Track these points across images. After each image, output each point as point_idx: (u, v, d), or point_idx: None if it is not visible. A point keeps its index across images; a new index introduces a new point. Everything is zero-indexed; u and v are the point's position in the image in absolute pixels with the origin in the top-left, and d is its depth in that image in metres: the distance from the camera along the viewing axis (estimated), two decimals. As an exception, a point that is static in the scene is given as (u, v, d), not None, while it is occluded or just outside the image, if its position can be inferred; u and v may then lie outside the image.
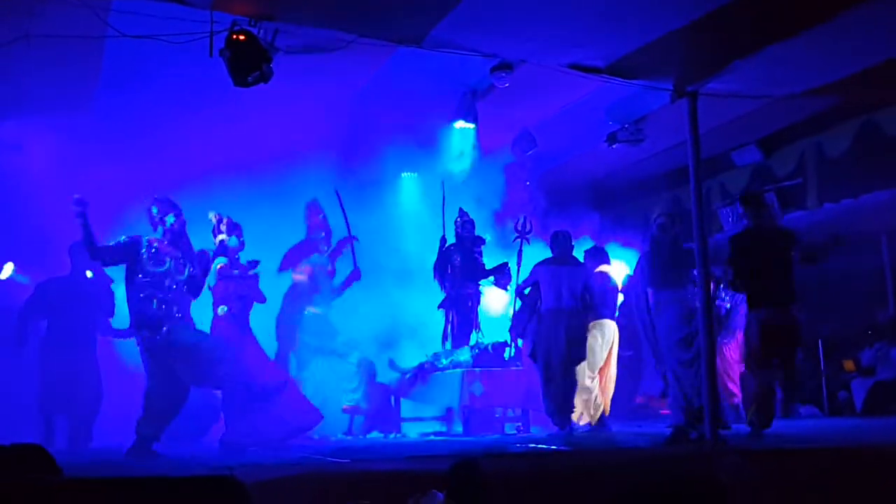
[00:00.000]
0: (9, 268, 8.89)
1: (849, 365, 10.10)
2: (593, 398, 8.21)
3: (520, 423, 8.40)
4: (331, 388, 8.42)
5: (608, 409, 8.38)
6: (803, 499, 4.72)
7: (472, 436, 7.74)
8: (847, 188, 8.61)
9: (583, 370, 8.09)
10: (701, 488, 4.43)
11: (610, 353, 8.36)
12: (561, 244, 8.09)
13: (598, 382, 8.28)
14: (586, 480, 4.46)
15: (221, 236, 7.19)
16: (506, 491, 4.05)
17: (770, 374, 6.56)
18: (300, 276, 8.52)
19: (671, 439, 6.04)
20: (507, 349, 8.22)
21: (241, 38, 5.50)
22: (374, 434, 8.57)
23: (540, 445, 6.21)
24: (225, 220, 7.20)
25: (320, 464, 5.06)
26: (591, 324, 8.22)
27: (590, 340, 8.19)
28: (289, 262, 8.64)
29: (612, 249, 9.17)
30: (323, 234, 8.69)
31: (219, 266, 7.12)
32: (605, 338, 8.32)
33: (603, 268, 8.52)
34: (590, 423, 8.20)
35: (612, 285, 8.47)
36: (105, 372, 8.12)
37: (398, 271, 9.11)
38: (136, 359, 6.84)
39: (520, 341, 8.35)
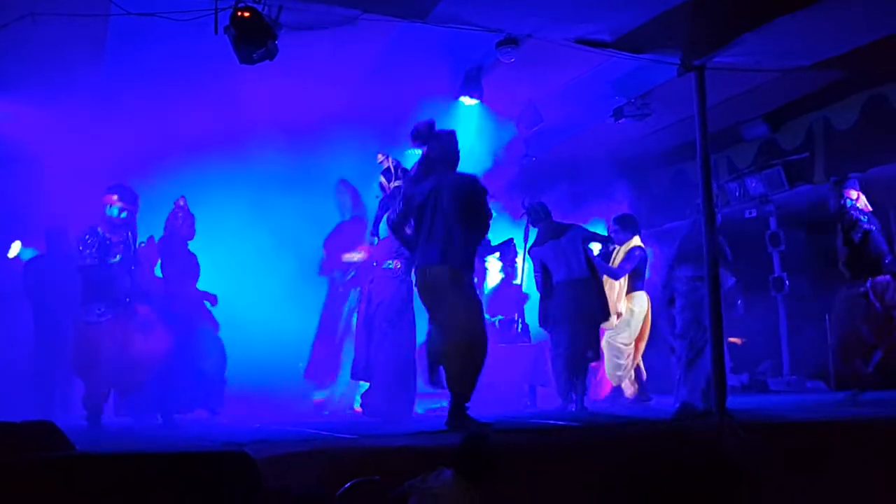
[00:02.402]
0: (16, 246, 8.91)
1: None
2: (633, 369, 8.26)
3: (527, 399, 8.43)
4: None
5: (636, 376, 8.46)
6: (809, 472, 4.74)
7: (479, 412, 7.76)
8: (855, 162, 8.56)
9: (618, 342, 8.20)
10: (707, 463, 4.46)
11: (645, 323, 8.37)
12: (542, 216, 8.03)
13: (634, 354, 8.32)
14: (595, 455, 4.49)
15: (396, 182, 6.96)
16: (514, 466, 4.07)
17: None
18: (359, 256, 8.32)
19: (679, 414, 6.06)
20: (516, 325, 8.24)
21: (246, 15, 5.50)
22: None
23: (548, 421, 6.23)
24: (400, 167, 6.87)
25: (329, 440, 5.09)
26: (632, 294, 8.30)
27: (625, 314, 8.22)
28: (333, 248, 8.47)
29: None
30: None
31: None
32: (641, 309, 8.35)
33: (637, 241, 8.45)
34: (633, 395, 8.29)
35: (643, 256, 8.44)
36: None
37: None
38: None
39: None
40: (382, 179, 7.20)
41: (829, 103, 8.81)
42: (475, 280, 6.20)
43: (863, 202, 7.47)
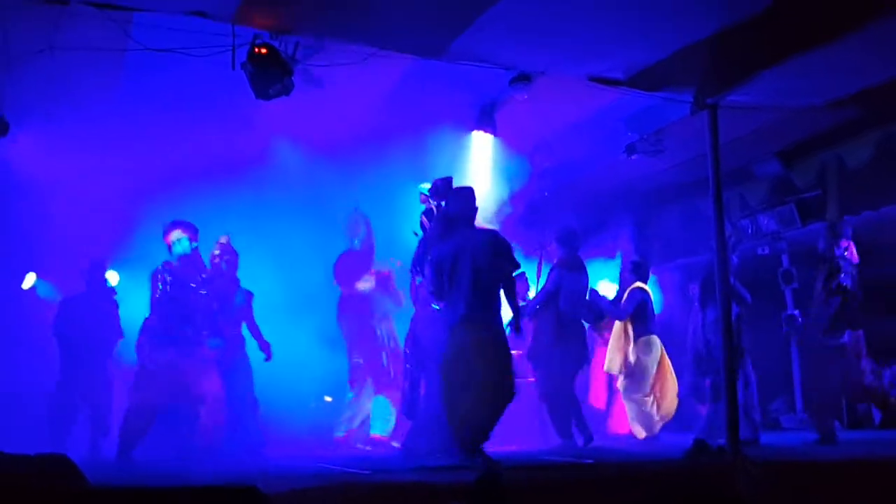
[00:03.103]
0: (31, 278, 8.97)
1: (868, 378, 10.02)
2: (649, 412, 8.26)
3: (528, 435, 8.38)
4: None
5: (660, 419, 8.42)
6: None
7: (490, 448, 7.71)
8: (868, 200, 8.55)
9: (635, 397, 8.28)
10: (720, 500, 4.42)
11: (661, 367, 8.36)
12: (572, 243, 8.09)
13: (651, 398, 8.32)
14: (607, 492, 4.46)
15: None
16: (527, 503, 4.05)
17: None
18: (365, 285, 8.44)
19: (692, 452, 6.01)
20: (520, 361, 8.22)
21: (263, 51, 5.57)
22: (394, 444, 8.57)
23: (560, 457, 6.19)
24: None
25: (342, 475, 5.08)
26: (640, 340, 8.33)
27: (641, 357, 8.24)
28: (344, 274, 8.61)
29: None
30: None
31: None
32: (654, 353, 8.36)
33: (639, 284, 8.52)
34: (647, 435, 8.28)
35: (643, 298, 8.47)
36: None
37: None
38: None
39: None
40: (424, 219, 7.29)
41: (842, 141, 8.79)
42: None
43: (852, 252, 7.47)
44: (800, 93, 6.60)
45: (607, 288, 9.52)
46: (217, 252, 7.89)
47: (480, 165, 9.43)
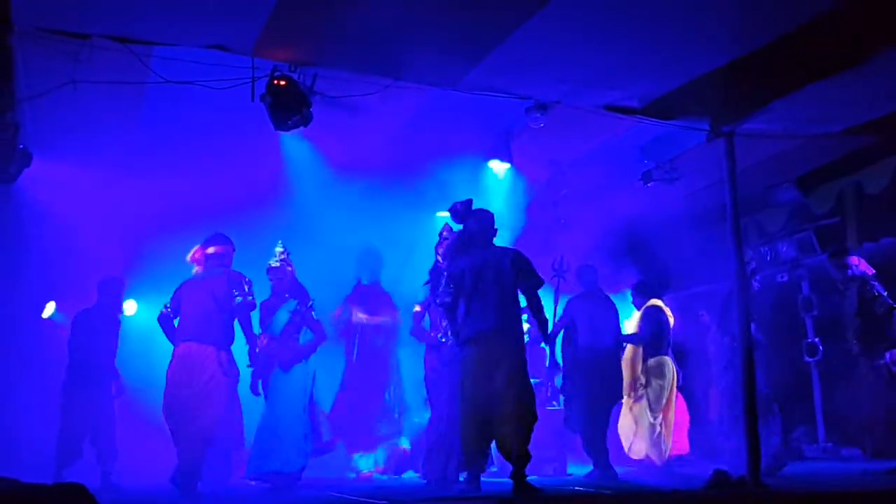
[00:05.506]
0: (51, 307, 9.05)
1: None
2: (658, 437, 8.17)
3: (556, 464, 8.32)
4: None
5: (671, 447, 8.29)
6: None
7: (507, 476, 7.67)
8: (887, 227, 8.49)
9: (644, 409, 8.19)
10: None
11: (672, 390, 8.29)
12: (590, 278, 8.09)
13: (661, 421, 8.23)
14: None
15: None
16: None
17: None
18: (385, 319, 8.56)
19: (712, 482, 5.96)
20: (546, 388, 8.18)
21: (282, 83, 5.63)
22: (410, 473, 8.54)
23: (577, 487, 6.15)
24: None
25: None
26: (651, 361, 8.25)
27: (652, 381, 8.20)
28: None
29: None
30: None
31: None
32: (667, 375, 8.28)
33: (655, 301, 8.46)
34: (656, 462, 8.17)
35: (658, 317, 8.41)
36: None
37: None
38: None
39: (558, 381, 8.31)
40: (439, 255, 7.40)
41: (861, 168, 8.75)
42: None
43: (864, 265, 7.46)
44: (816, 120, 6.59)
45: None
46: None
47: (496, 194, 9.45)
